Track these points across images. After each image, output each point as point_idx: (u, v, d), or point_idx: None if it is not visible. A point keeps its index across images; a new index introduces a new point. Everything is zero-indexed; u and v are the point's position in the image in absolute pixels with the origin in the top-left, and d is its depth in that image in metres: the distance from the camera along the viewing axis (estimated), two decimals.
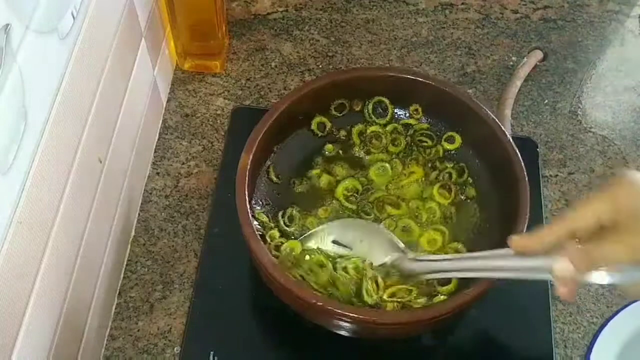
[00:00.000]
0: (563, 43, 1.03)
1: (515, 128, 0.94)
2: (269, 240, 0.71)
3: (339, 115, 0.79)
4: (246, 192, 0.68)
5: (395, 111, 0.79)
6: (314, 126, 0.78)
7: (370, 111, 0.78)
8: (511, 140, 0.72)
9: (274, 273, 0.64)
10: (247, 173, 0.69)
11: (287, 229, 0.73)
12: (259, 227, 0.71)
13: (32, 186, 0.55)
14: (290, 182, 0.76)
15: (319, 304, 0.62)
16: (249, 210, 0.67)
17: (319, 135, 0.79)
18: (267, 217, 0.73)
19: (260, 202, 0.74)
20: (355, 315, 0.62)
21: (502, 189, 0.73)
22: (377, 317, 0.64)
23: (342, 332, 0.68)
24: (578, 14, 1.06)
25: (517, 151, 0.71)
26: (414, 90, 0.77)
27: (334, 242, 0.70)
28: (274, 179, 0.75)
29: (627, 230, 0.53)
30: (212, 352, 0.73)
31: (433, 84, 0.77)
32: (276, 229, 0.72)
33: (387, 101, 0.78)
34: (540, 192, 0.85)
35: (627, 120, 0.96)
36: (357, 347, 0.73)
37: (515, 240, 0.58)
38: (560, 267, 0.55)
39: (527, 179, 0.69)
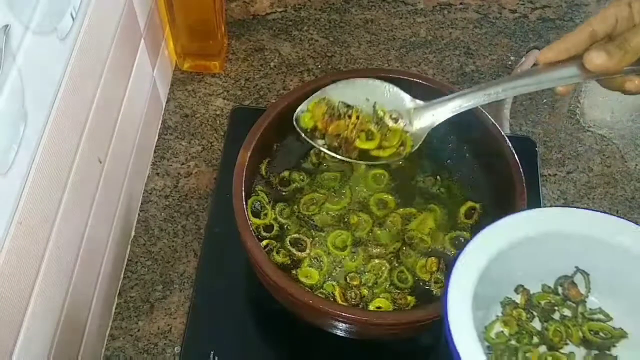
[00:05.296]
0: None
1: (514, 127, 0.94)
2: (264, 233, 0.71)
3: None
4: (243, 189, 0.68)
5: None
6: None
7: None
8: (509, 143, 0.72)
9: (268, 271, 0.64)
10: (245, 170, 0.69)
11: (284, 221, 0.73)
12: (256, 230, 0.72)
13: (32, 187, 0.55)
14: (288, 180, 0.76)
15: (310, 302, 0.62)
16: (245, 207, 0.67)
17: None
18: (264, 212, 0.73)
19: (259, 200, 0.74)
20: (347, 315, 0.62)
21: (500, 191, 0.73)
22: (369, 317, 0.64)
23: (338, 332, 0.68)
24: (576, 14, 1.06)
25: (515, 154, 0.71)
26: (412, 91, 0.77)
27: (341, 103, 0.71)
28: (272, 176, 0.75)
29: None
30: (212, 352, 0.73)
31: (431, 85, 0.77)
32: (274, 224, 0.72)
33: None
34: (539, 191, 0.85)
35: (625, 119, 0.96)
36: (357, 348, 0.73)
37: (542, 53, 0.60)
38: (593, 55, 0.57)
39: (524, 183, 0.69)
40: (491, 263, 0.60)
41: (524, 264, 0.63)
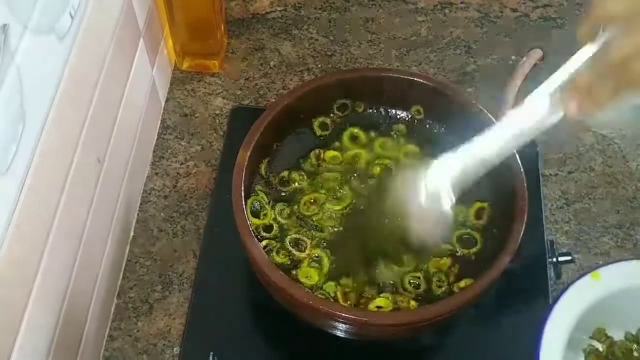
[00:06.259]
0: (563, 42, 1.03)
1: None
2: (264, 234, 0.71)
3: (341, 115, 0.79)
4: (242, 189, 0.68)
5: (396, 113, 0.80)
6: (316, 125, 0.78)
7: None
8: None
9: (268, 271, 0.64)
10: (245, 170, 0.69)
11: (283, 221, 0.73)
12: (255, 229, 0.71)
13: (31, 187, 0.55)
14: (288, 180, 0.76)
15: (310, 303, 0.62)
16: (245, 208, 0.67)
17: (320, 135, 0.79)
18: (264, 213, 0.73)
19: (258, 200, 0.74)
20: (347, 315, 0.62)
21: (500, 191, 0.72)
22: (369, 317, 0.63)
23: (338, 333, 0.68)
24: (578, 13, 1.06)
25: (515, 153, 0.70)
26: (413, 91, 0.77)
27: None
28: (272, 176, 0.75)
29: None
30: (211, 352, 0.73)
31: (432, 84, 0.76)
32: (274, 224, 0.72)
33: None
34: (540, 191, 0.85)
35: (626, 119, 0.96)
36: (357, 348, 0.72)
37: None
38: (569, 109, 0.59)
39: (525, 183, 0.69)
40: (583, 313, 0.65)
41: (608, 314, 0.67)
